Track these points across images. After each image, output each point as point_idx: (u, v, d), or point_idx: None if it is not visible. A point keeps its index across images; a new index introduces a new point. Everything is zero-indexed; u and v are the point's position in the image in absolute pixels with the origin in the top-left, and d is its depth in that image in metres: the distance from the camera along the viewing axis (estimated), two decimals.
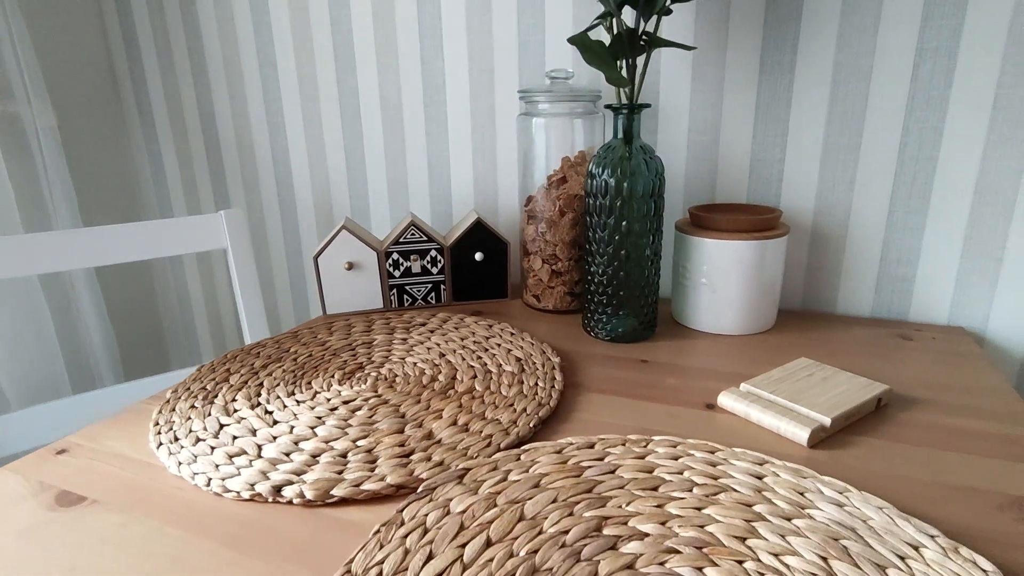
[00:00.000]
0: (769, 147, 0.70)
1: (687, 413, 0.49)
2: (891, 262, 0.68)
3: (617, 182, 0.59)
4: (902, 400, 0.50)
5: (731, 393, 0.49)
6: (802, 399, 0.47)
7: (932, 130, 0.64)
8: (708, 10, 0.69)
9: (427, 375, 0.55)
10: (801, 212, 0.71)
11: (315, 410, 0.49)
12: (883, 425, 0.47)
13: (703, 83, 0.71)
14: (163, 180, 1.09)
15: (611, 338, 0.64)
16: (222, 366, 0.58)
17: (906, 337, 0.64)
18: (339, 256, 0.73)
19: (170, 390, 0.53)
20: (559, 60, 0.77)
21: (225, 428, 0.47)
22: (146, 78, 1.03)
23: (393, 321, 0.69)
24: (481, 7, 0.78)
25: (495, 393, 0.51)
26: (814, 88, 0.67)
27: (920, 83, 0.63)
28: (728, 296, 0.64)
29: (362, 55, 0.87)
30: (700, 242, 0.64)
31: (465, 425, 0.46)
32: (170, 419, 0.48)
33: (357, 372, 0.56)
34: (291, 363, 0.58)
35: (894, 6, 0.62)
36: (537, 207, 0.71)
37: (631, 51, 0.57)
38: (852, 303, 0.71)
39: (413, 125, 0.87)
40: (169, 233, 0.80)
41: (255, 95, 0.96)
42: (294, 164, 0.97)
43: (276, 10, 0.90)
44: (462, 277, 0.77)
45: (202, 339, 1.17)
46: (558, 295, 0.72)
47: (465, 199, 0.87)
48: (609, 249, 0.61)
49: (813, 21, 0.65)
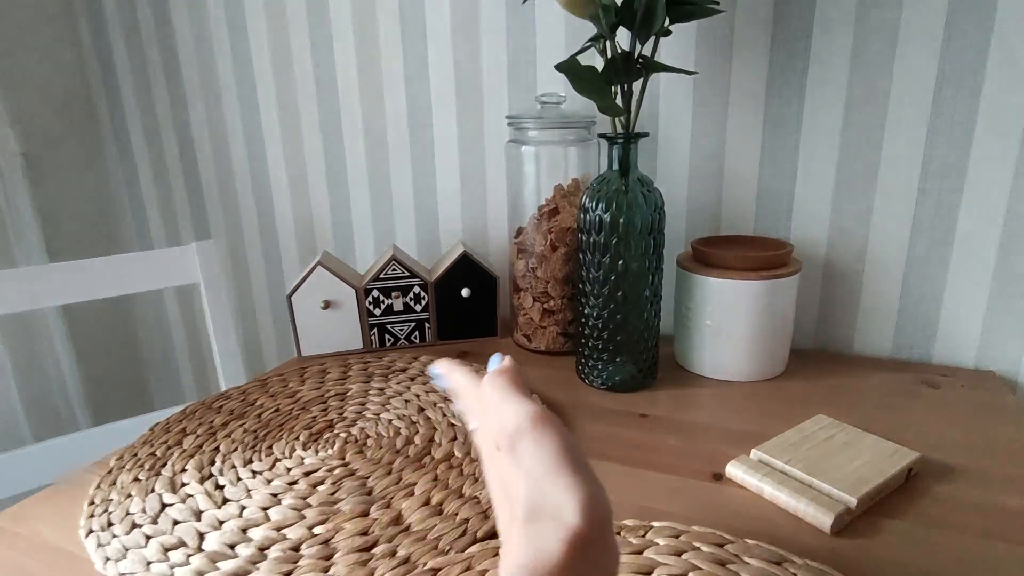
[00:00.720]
0: (778, 175, 0.65)
1: (692, 486, 0.43)
2: (912, 299, 0.63)
3: (612, 218, 0.54)
4: (935, 468, 0.45)
5: (741, 463, 0.44)
6: (822, 472, 0.42)
7: (957, 158, 0.58)
8: (710, 29, 0.63)
9: (402, 436, 0.50)
10: (813, 244, 0.65)
11: (272, 484, 0.43)
12: (916, 502, 0.41)
13: (706, 106, 0.66)
14: (141, 209, 1.04)
15: (608, 387, 0.59)
16: (178, 424, 0.53)
17: (932, 384, 0.58)
18: (315, 294, 0.67)
19: (115, 456, 0.48)
20: (551, 82, 0.72)
21: (167, 509, 0.41)
22: (123, 103, 0.99)
23: (371, 366, 0.64)
24: (468, 26, 0.73)
25: (476, 461, 0.46)
26: (826, 112, 0.61)
27: (943, 107, 0.57)
28: (735, 339, 0.58)
29: (344, 76, 0.82)
30: (704, 281, 0.58)
31: (439, 506, 0.41)
32: (108, 496, 0.43)
33: (325, 432, 0.51)
34: (254, 420, 0.53)
35: (913, 25, 0.57)
36: (527, 240, 0.66)
37: (626, 76, 0.51)
38: (870, 343, 0.65)
39: (398, 149, 0.82)
40: (138, 267, 0.75)
41: (234, 119, 0.91)
42: (275, 192, 0.92)
43: (255, 30, 0.85)
44: (448, 314, 0.71)
45: (184, 376, 1.11)
46: (550, 335, 0.67)
47: (453, 228, 0.82)
48: (604, 290, 0.56)
49: (824, 40, 0.60)
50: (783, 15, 0.61)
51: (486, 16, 0.72)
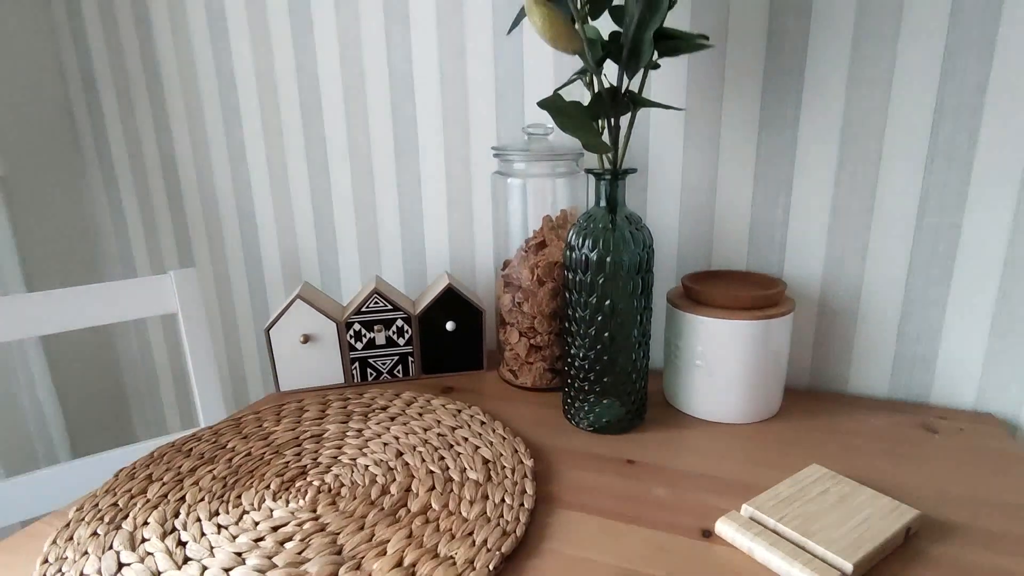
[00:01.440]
0: (771, 209, 0.63)
1: (679, 544, 0.41)
2: (909, 339, 0.61)
3: (600, 257, 0.52)
4: (935, 526, 0.42)
5: (732, 520, 0.42)
6: (816, 532, 0.40)
7: (955, 194, 0.57)
8: (701, 62, 0.62)
9: (378, 485, 0.48)
10: (807, 281, 0.63)
11: (237, 541, 0.41)
12: (915, 566, 0.39)
13: (697, 139, 0.64)
14: (125, 235, 1.02)
15: (594, 428, 0.57)
16: (144, 470, 0.50)
17: (930, 428, 0.56)
18: (294, 328, 0.65)
19: (74, 507, 0.46)
20: (539, 111, 0.70)
21: (124, 570, 0.39)
22: (106, 128, 0.97)
23: (351, 403, 0.61)
24: (454, 52, 0.72)
25: (454, 514, 0.44)
26: (820, 145, 0.60)
27: (940, 143, 0.56)
28: (726, 380, 0.57)
29: (329, 102, 0.81)
30: (694, 319, 0.56)
31: (412, 567, 0.38)
32: (63, 554, 0.41)
33: (298, 480, 0.49)
34: (224, 466, 0.51)
35: (909, 59, 0.55)
36: (514, 273, 0.64)
37: (613, 111, 0.50)
38: (866, 383, 0.64)
39: (384, 176, 0.80)
40: (114, 297, 0.73)
41: (219, 145, 0.89)
42: (260, 219, 0.90)
43: (239, 57, 0.84)
44: (432, 348, 0.69)
45: (168, 406, 1.09)
46: (537, 372, 0.65)
47: (440, 256, 0.80)
48: (591, 331, 0.54)
49: (818, 73, 0.58)
50: (775, 49, 0.59)
51: (472, 45, 0.71)
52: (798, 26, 0.58)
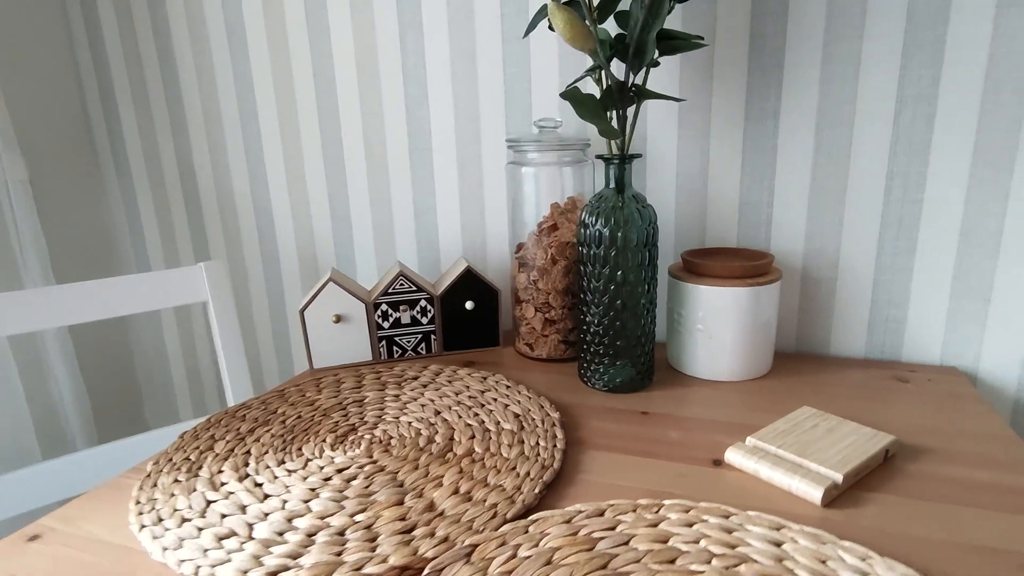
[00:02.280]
0: (757, 192, 0.71)
1: (694, 471, 0.48)
2: (882, 304, 0.69)
3: (611, 232, 0.59)
4: (908, 450, 0.50)
5: (738, 449, 0.48)
6: (811, 454, 0.46)
7: (916, 174, 0.65)
8: (692, 60, 0.70)
9: (423, 436, 0.53)
10: (791, 255, 0.71)
11: (308, 480, 0.46)
12: (893, 479, 0.46)
13: (690, 130, 0.72)
14: (140, 232, 1.06)
15: (609, 388, 0.63)
16: (206, 432, 0.55)
17: (902, 379, 0.64)
18: (326, 309, 0.71)
19: (151, 462, 0.51)
20: (545, 108, 0.77)
21: (212, 505, 0.44)
22: (122, 129, 1.02)
23: (384, 375, 0.67)
24: (465, 56, 0.79)
25: (496, 455, 0.49)
26: (799, 134, 0.68)
27: (902, 129, 0.64)
28: (725, 342, 0.64)
29: (345, 104, 0.86)
30: (695, 289, 0.63)
31: (468, 493, 0.44)
32: (152, 496, 0.46)
33: (350, 435, 0.54)
34: (279, 426, 0.56)
35: (873, 56, 0.63)
36: (528, 255, 0.70)
37: (621, 103, 0.57)
38: (845, 345, 0.71)
39: (398, 173, 0.86)
40: (148, 287, 0.77)
41: (236, 146, 0.94)
42: (276, 214, 0.95)
43: (257, 60, 0.89)
44: (452, 326, 0.75)
45: (180, 397, 1.12)
46: (552, 343, 0.71)
47: (453, 246, 0.86)
48: (605, 299, 0.61)
49: (795, 69, 0.66)
50: (757, 47, 0.67)
51: (483, 47, 0.78)
52: (776, 29, 0.66)
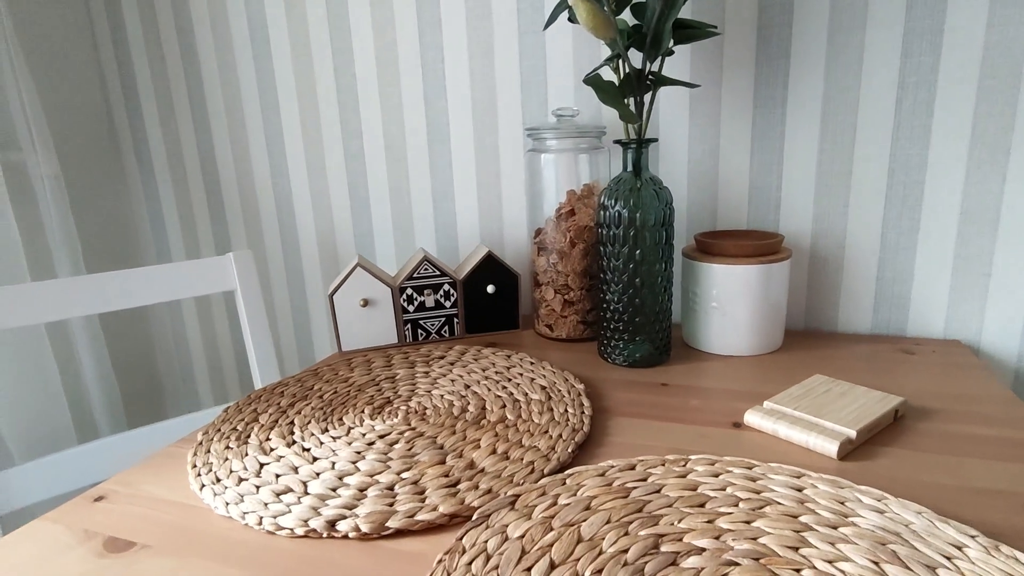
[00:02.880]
0: (766, 175, 0.74)
1: (716, 432, 0.51)
2: (887, 281, 0.72)
3: (630, 212, 0.62)
4: (917, 411, 0.53)
5: (757, 411, 0.51)
6: (825, 414, 0.49)
7: (917, 157, 0.68)
8: (703, 49, 0.73)
9: (456, 407, 0.56)
10: (800, 236, 0.74)
11: (352, 445, 0.49)
12: (903, 436, 0.49)
13: (700, 117, 0.75)
14: (161, 224, 1.09)
15: (629, 363, 0.66)
16: (248, 407, 0.58)
17: (908, 351, 0.67)
18: (354, 293, 0.73)
19: (200, 432, 0.53)
20: (561, 97, 0.80)
21: (266, 467, 0.47)
22: (144, 125, 1.04)
23: (411, 355, 0.70)
24: (483, 49, 0.82)
25: (527, 421, 0.52)
26: (805, 120, 0.71)
27: (903, 114, 0.67)
28: (738, 319, 0.67)
29: (365, 97, 0.89)
30: (709, 268, 0.66)
31: (505, 453, 0.47)
32: (207, 461, 0.48)
33: (386, 407, 0.57)
34: (318, 400, 0.59)
35: (875, 45, 0.67)
36: (547, 239, 0.73)
37: (639, 90, 0.60)
38: (852, 321, 0.74)
39: (417, 163, 0.89)
40: (178, 277, 0.80)
41: (257, 139, 0.97)
42: (297, 206, 0.98)
43: (279, 55, 0.92)
44: (474, 310, 0.78)
45: (201, 385, 1.15)
46: (571, 324, 0.74)
47: (471, 233, 0.89)
48: (624, 277, 0.64)
49: (801, 58, 0.70)
50: (765, 38, 0.70)
51: (500, 40, 0.81)
52: (783, 19, 0.69)
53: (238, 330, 1.09)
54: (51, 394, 0.89)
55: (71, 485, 0.73)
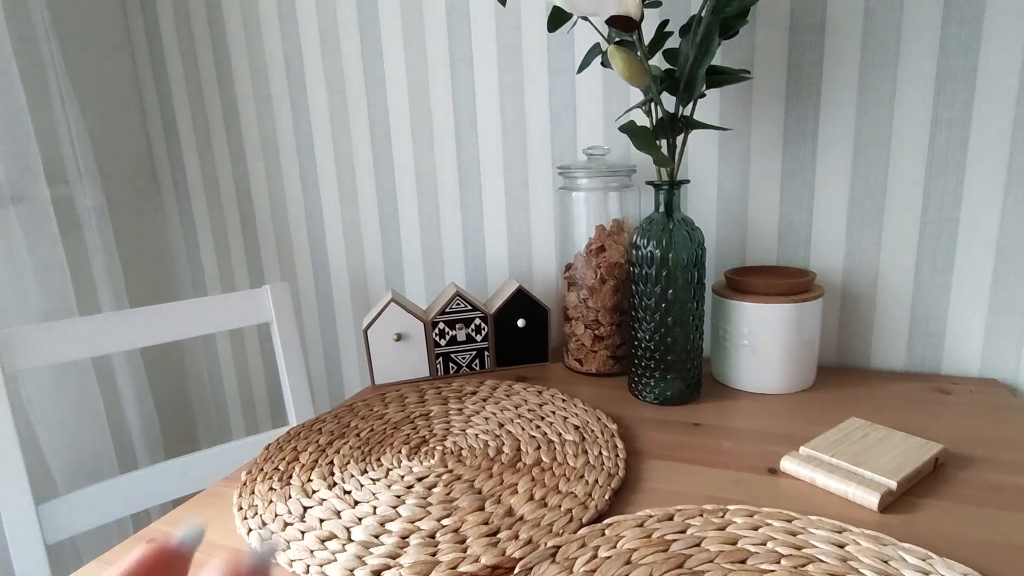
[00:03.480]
0: (796, 211, 0.74)
1: (752, 479, 0.51)
2: (920, 319, 0.71)
3: (662, 253, 0.63)
4: (957, 458, 0.52)
5: (793, 458, 0.51)
6: (863, 461, 0.49)
7: (951, 194, 0.67)
8: (732, 89, 0.73)
9: (492, 447, 0.57)
10: (831, 272, 0.74)
11: (392, 488, 0.50)
12: (944, 486, 0.48)
13: (729, 154, 0.75)
14: (197, 257, 1.12)
15: (659, 401, 0.66)
16: (288, 444, 0.59)
17: (944, 391, 0.66)
18: (388, 328, 0.75)
19: (244, 471, 0.55)
20: (591, 134, 0.81)
21: (309, 511, 0.48)
22: (183, 159, 1.08)
23: (444, 390, 0.71)
24: (513, 87, 0.83)
25: (563, 464, 0.53)
26: (836, 155, 0.71)
27: (937, 151, 0.67)
28: (769, 357, 0.66)
29: (397, 132, 0.91)
30: (740, 306, 0.67)
31: (543, 499, 0.48)
32: (252, 502, 0.50)
33: (422, 446, 0.58)
34: (355, 439, 0.60)
35: (907, 82, 0.67)
36: (577, 274, 0.74)
37: (672, 133, 0.61)
38: (885, 358, 0.74)
39: (448, 198, 0.91)
40: (217, 309, 0.82)
41: (291, 173, 1.00)
42: (329, 239, 1.00)
43: (313, 91, 0.95)
44: (504, 343, 0.79)
45: (233, 414, 1.17)
46: (601, 359, 0.75)
47: (499, 266, 0.90)
48: (656, 316, 0.64)
49: (832, 94, 0.70)
50: (794, 78, 0.71)
51: (530, 79, 0.82)
52: (813, 59, 0.70)
53: (271, 361, 1.11)
54: (95, 424, 0.91)
55: (113, 515, 0.75)
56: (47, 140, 0.90)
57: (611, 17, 0.52)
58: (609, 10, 0.52)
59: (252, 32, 0.97)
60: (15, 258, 0.85)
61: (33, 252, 0.86)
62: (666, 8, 0.74)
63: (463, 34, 0.85)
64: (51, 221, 0.87)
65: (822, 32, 0.69)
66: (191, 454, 0.79)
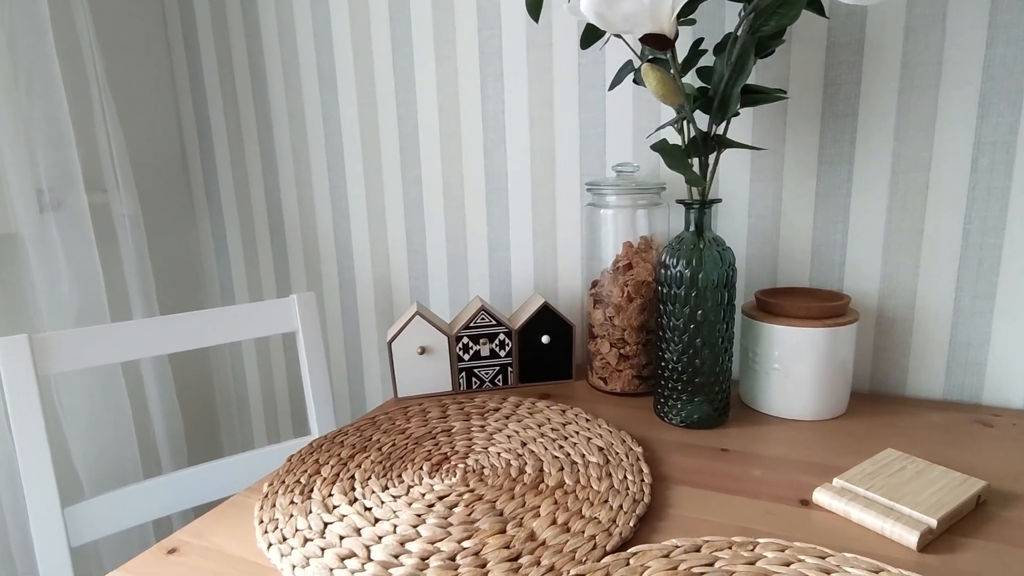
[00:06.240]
0: (830, 232, 0.72)
1: (783, 510, 0.49)
2: (960, 345, 0.69)
3: (692, 273, 0.61)
4: (1000, 496, 0.50)
5: (827, 490, 0.49)
6: (901, 497, 0.47)
7: (995, 218, 0.65)
8: (766, 108, 0.72)
9: (514, 467, 0.56)
10: (865, 295, 0.72)
11: (413, 507, 0.50)
12: (987, 525, 0.46)
13: (762, 174, 0.74)
14: (227, 265, 1.14)
15: (686, 424, 0.65)
16: (311, 456, 0.59)
17: (985, 423, 0.63)
18: (412, 341, 0.75)
19: (266, 483, 0.55)
20: (620, 150, 0.80)
21: (329, 527, 0.47)
22: (216, 168, 1.10)
23: (466, 406, 0.70)
24: (543, 102, 0.83)
25: (587, 488, 0.52)
26: (873, 177, 0.69)
27: (980, 174, 0.65)
28: (801, 381, 0.65)
29: (426, 146, 0.92)
30: (772, 328, 0.65)
31: (566, 524, 0.47)
32: (273, 516, 0.49)
33: (444, 464, 0.57)
34: (377, 453, 0.60)
35: (950, 104, 0.65)
36: (603, 292, 0.73)
37: (704, 152, 0.60)
38: (922, 386, 0.71)
39: (474, 212, 0.91)
40: (245, 317, 0.83)
41: (321, 184, 1.01)
42: (356, 250, 1.01)
43: (345, 104, 0.96)
44: (528, 359, 0.78)
45: (255, 421, 1.18)
46: (626, 378, 0.73)
47: (525, 282, 0.90)
48: (684, 337, 0.63)
49: (870, 117, 0.68)
50: (831, 98, 0.69)
51: (560, 94, 0.82)
52: (851, 78, 0.68)
53: (294, 370, 1.12)
54: (122, 428, 0.93)
55: (137, 520, 0.76)
56: (87, 149, 0.92)
57: (645, 35, 0.52)
58: (643, 28, 0.51)
59: (287, 46, 0.98)
60: (52, 263, 0.87)
61: (70, 258, 0.88)
62: (700, 26, 0.73)
63: (494, 49, 0.85)
64: (88, 228, 0.89)
65: (860, 51, 0.68)
66: (214, 461, 0.80)
